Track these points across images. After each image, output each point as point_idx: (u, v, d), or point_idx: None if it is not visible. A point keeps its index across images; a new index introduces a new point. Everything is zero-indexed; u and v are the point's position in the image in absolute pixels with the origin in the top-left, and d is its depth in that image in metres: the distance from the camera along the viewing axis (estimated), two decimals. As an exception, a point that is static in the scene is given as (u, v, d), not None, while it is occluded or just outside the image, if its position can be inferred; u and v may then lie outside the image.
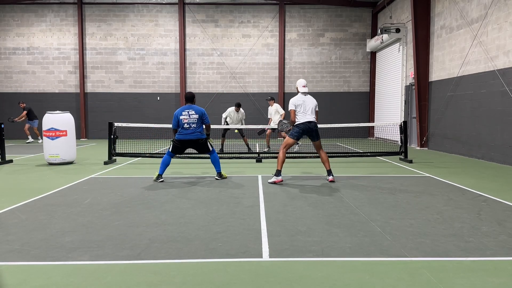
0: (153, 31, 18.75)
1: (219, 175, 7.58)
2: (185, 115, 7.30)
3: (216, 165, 7.60)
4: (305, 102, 7.19)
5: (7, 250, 3.73)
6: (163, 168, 7.38)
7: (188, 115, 7.30)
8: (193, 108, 7.35)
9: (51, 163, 9.67)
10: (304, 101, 7.20)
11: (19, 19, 18.70)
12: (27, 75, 18.87)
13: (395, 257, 3.52)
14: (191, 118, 7.29)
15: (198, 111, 7.35)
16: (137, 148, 12.08)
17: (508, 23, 9.27)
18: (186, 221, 4.64)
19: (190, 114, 7.31)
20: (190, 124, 7.29)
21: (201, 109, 7.42)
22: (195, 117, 7.31)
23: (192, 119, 7.30)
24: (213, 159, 7.62)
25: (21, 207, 5.37)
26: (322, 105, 18.66)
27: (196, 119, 7.31)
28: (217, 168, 7.60)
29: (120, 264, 3.39)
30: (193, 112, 7.32)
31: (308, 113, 7.14)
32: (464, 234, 4.15)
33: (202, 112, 7.41)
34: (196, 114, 7.32)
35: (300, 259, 3.47)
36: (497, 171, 8.46)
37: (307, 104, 7.19)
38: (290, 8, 18.74)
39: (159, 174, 7.36)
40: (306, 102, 7.20)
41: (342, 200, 5.70)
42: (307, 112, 7.15)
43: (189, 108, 7.35)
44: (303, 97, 7.27)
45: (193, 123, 7.30)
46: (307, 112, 7.15)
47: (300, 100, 7.23)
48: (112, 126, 9.94)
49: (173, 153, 7.50)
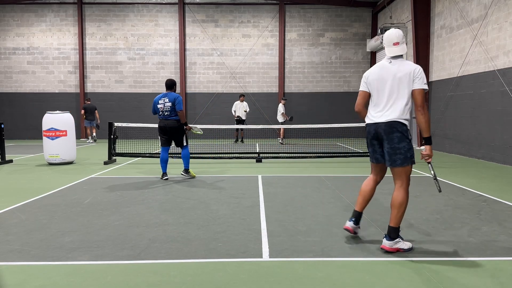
0: (153, 31, 18.74)
1: (185, 171, 7.66)
2: (161, 104, 7.38)
3: (185, 161, 7.63)
4: (384, 79, 3.68)
5: (7, 250, 3.73)
6: (163, 165, 7.51)
7: (164, 103, 7.37)
8: (168, 96, 7.38)
9: (51, 163, 9.67)
10: (381, 77, 3.70)
11: (19, 19, 18.69)
12: (27, 75, 18.86)
13: (395, 257, 3.52)
14: (165, 106, 7.35)
15: (171, 98, 7.35)
16: (137, 148, 12.08)
17: (508, 23, 9.27)
18: (186, 221, 4.64)
19: (165, 102, 7.36)
20: (163, 111, 7.36)
21: (174, 96, 7.37)
22: (169, 104, 7.33)
23: (166, 107, 7.35)
24: (183, 154, 7.62)
25: (21, 207, 5.37)
26: (322, 105, 18.77)
27: (169, 106, 7.33)
28: (185, 164, 7.64)
29: (120, 264, 3.39)
30: (167, 100, 7.36)
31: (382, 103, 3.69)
32: (464, 234, 4.15)
33: (175, 97, 7.34)
34: (169, 101, 7.34)
35: (300, 259, 3.47)
36: (497, 171, 8.46)
37: (387, 81, 3.66)
38: (290, 8, 18.73)
39: (163, 172, 7.51)
40: (387, 78, 3.66)
41: (342, 200, 5.70)
42: (382, 101, 3.70)
43: (165, 96, 7.40)
44: (385, 66, 3.73)
45: (167, 110, 7.34)
46: (382, 100, 3.70)
47: (376, 73, 3.75)
48: (112, 126, 9.94)
49: (163, 146, 7.56)
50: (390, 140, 3.62)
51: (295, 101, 18.73)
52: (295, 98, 18.77)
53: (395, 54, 3.73)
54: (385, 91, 3.68)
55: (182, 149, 7.60)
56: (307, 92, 18.75)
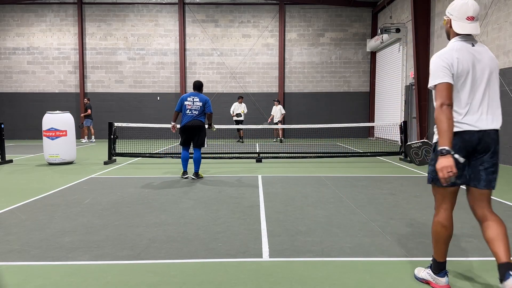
0: (153, 31, 18.74)
1: (195, 175, 7.65)
2: (189, 101, 7.46)
3: (196, 165, 7.63)
4: (479, 68, 2.77)
5: (7, 250, 3.73)
6: (184, 164, 7.67)
7: (193, 102, 7.45)
8: (199, 96, 7.51)
9: (51, 163, 9.67)
10: (475, 64, 2.76)
11: (19, 19, 18.70)
12: (27, 75, 18.86)
13: (395, 257, 3.52)
14: (194, 105, 7.43)
15: (202, 99, 7.49)
16: (137, 148, 12.08)
17: (508, 23, 9.27)
18: (186, 221, 4.64)
19: (195, 101, 7.46)
20: (192, 110, 7.42)
21: (206, 98, 7.56)
22: (199, 104, 7.43)
23: (196, 106, 7.43)
24: (195, 158, 7.63)
25: (21, 207, 5.37)
26: (322, 105, 18.77)
27: (199, 106, 7.43)
28: (196, 168, 7.65)
29: (120, 264, 3.39)
30: (197, 100, 7.46)
31: (478, 101, 2.74)
32: (464, 234, 4.15)
33: (206, 100, 7.53)
34: (200, 101, 7.45)
35: (300, 259, 3.47)
36: (497, 171, 8.45)
37: (485, 72, 2.80)
38: (290, 8, 18.73)
39: (183, 170, 7.68)
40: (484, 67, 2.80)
41: (342, 200, 5.70)
42: (477, 99, 2.74)
43: (195, 95, 7.51)
44: (474, 50, 2.79)
45: (195, 110, 7.43)
46: (477, 97, 2.74)
47: (467, 59, 2.73)
48: (112, 126, 9.95)
49: (183, 145, 7.62)
50: (495, 154, 2.80)
51: (295, 101, 18.74)
52: (295, 98, 18.77)
53: (467, 33, 2.74)
54: (481, 85, 2.72)
55: (195, 152, 7.60)
56: (307, 92, 18.75)
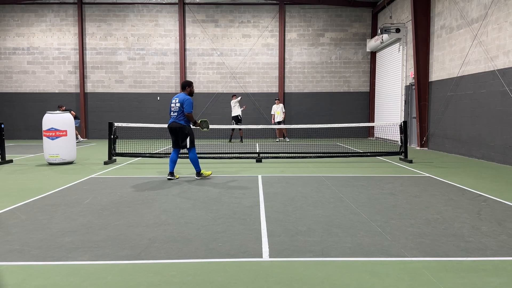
0: (153, 31, 18.74)
1: (198, 174, 7.53)
2: (173, 103, 7.36)
3: (195, 165, 7.50)
4: None
5: (7, 250, 3.73)
6: (170, 165, 7.49)
7: (175, 103, 7.33)
8: (179, 97, 7.34)
9: (51, 163, 9.67)
10: None
11: (19, 19, 18.69)
12: (27, 75, 18.86)
13: (395, 257, 3.52)
14: (175, 106, 7.30)
15: (181, 100, 7.26)
16: (137, 148, 12.08)
17: (508, 23, 9.27)
18: (186, 221, 4.64)
19: (176, 102, 7.31)
20: (173, 112, 7.33)
21: (184, 97, 7.26)
22: (178, 105, 7.26)
23: (176, 107, 7.28)
24: (190, 158, 7.44)
25: (21, 207, 5.37)
26: (322, 105, 18.76)
27: (178, 107, 7.25)
28: (196, 168, 7.51)
29: (120, 264, 3.39)
30: (177, 100, 7.31)
31: None
32: (464, 234, 4.15)
33: (183, 100, 7.24)
34: (178, 102, 7.27)
35: (300, 259, 3.47)
36: (497, 171, 8.46)
37: None
38: (290, 8, 18.73)
39: (169, 171, 7.49)
40: None
41: (342, 200, 5.70)
42: None
43: (178, 96, 7.37)
44: None
45: (175, 111, 7.29)
46: None
47: None
48: (112, 126, 9.94)
49: (173, 147, 7.53)
50: None
51: (295, 101, 18.73)
52: (295, 98, 18.77)
53: None
54: None
55: (189, 153, 7.45)
56: (307, 92, 18.75)
